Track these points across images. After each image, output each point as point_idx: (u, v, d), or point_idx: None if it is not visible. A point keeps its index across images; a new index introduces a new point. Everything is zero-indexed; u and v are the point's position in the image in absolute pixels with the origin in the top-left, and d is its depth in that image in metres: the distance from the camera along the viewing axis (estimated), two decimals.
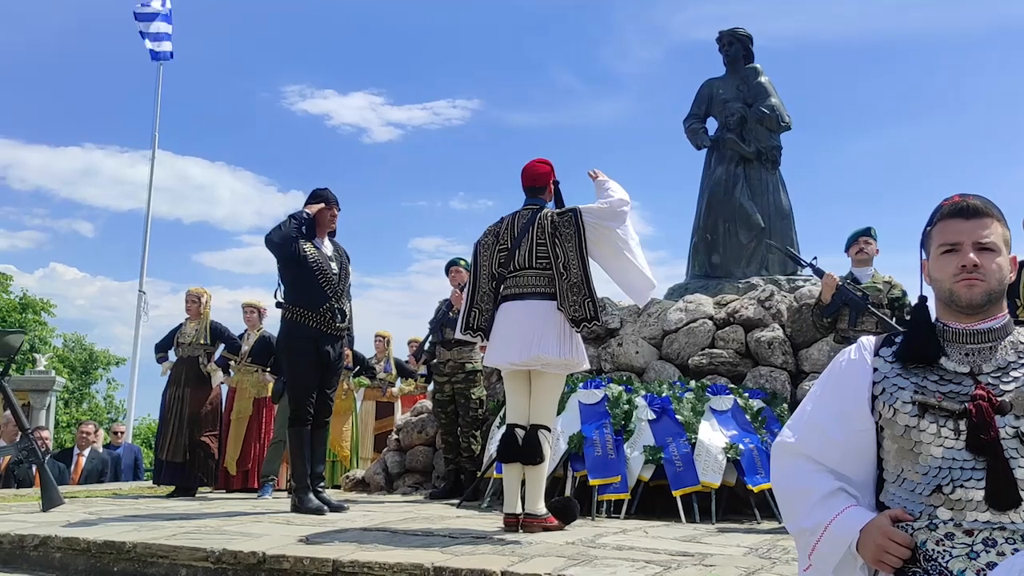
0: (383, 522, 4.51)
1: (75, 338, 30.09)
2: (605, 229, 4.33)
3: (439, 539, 3.84)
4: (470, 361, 6.49)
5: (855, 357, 1.76)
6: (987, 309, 1.66)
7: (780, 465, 1.79)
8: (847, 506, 1.65)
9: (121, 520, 4.51)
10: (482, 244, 4.55)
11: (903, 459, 1.64)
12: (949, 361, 1.66)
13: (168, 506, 5.57)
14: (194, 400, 7.01)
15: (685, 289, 7.69)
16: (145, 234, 15.58)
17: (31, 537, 3.90)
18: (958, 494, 1.56)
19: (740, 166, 8.07)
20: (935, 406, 1.60)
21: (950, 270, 1.66)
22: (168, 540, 3.70)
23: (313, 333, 5.16)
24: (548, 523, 4.23)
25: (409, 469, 7.08)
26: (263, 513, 5.01)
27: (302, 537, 3.83)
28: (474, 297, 4.48)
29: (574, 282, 4.26)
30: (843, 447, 1.70)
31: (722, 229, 8.01)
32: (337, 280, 5.26)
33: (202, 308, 7.20)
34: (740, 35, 8.31)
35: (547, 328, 4.21)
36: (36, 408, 12.29)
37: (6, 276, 26.69)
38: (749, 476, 5.17)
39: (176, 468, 6.93)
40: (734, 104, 8.13)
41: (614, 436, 5.35)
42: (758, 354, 6.35)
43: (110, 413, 28.60)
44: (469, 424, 6.46)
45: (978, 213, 1.67)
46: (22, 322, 25.15)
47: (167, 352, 7.32)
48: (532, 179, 4.54)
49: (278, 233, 5.09)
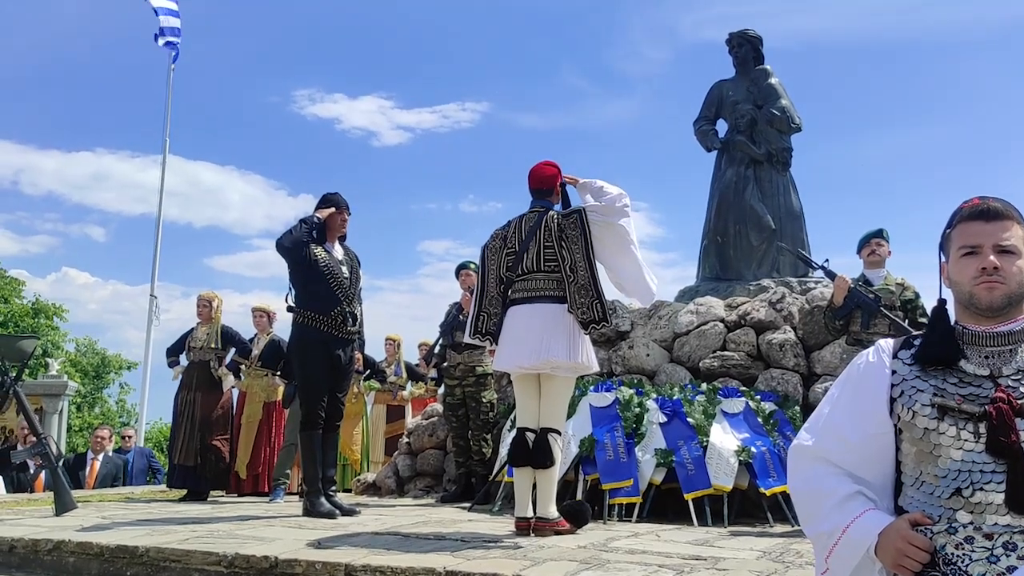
0: (395, 526, 4.51)
1: (87, 342, 30.20)
2: (610, 225, 4.33)
3: (451, 543, 3.83)
4: (480, 364, 6.49)
5: (873, 360, 1.74)
6: (1007, 312, 1.65)
7: (798, 468, 1.77)
8: (865, 509, 1.63)
9: (134, 524, 4.52)
10: (489, 248, 4.54)
11: (922, 462, 1.62)
12: (968, 364, 1.65)
13: (180, 510, 5.58)
14: (205, 404, 7.02)
15: (696, 291, 7.67)
16: (156, 238, 15.64)
17: (45, 542, 3.91)
18: (978, 497, 1.54)
19: (750, 168, 8.06)
20: (955, 409, 1.58)
21: (970, 272, 1.65)
22: (181, 544, 3.70)
23: (324, 337, 5.17)
24: (560, 527, 4.22)
25: (420, 472, 7.08)
26: (275, 517, 5.02)
27: (314, 541, 3.83)
28: (482, 301, 4.47)
29: (581, 284, 4.25)
30: (861, 450, 1.69)
31: (733, 231, 7.99)
32: (348, 284, 5.27)
33: (214, 312, 7.22)
34: (750, 37, 8.30)
35: (556, 331, 4.20)
36: (49, 412, 12.33)
37: (19, 281, 26.81)
38: (761, 479, 5.15)
39: (188, 472, 6.95)
40: (744, 106, 8.12)
41: (625, 439, 5.33)
42: (770, 356, 6.32)
43: (122, 417, 28.67)
44: (480, 427, 6.46)
45: (998, 215, 1.66)
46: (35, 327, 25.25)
47: (179, 356, 7.34)
48: (539, 181, 4.54)
49: (289, 238, 5.11)
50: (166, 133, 15.97)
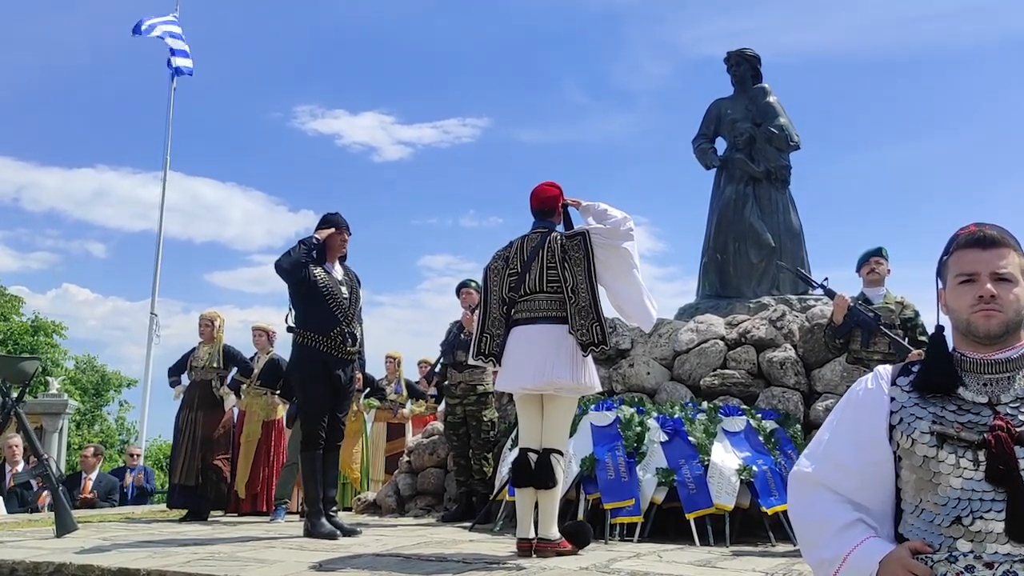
0: (396, 547, 4.49)
1: (87, 360, 30.16)
2: (615, 248, 4.34)
3: (452, 564, 3.82)
4: (481, 383, 6.49)
5: (872, 387, 1.75)
6: (1005, 339, 1.65)
7: (798, 495, 1.78)
8: (866, 537, 1.63)
9: (135, 546, 4.51)
10: (491, 269, 4.56)
11: (922, 490, 1.62)
12: (967, 391, 1.65)
13: (181, 531, 5.57)
14: (207, 423, 7.02)
15: (696, 309, 7.68)
16: (157, 255, 15.67)
17: (46, 564, 3.90)
18: (978, 526, 1.54)
19: (749, 186, 8.09)
20: (954, 436, 1.59)
21: (967, 300, 1.66)
22: (182, 567, 3.69)
23: (324, 357, 5.18)
24: (562, 548, 4.21)
25: (421, 491, 7.06)
26: (276, 538, 5.00)
27: (315, 564, 3.82)
28: (485, 322, 4.48)
29: (582, 306, 4.26)
30: (860, 477, 1.69)
31: (732, 249, 8.01)
32: (347, 304, 5.28)
33: (215, 332, 7.23)
34: (748, 55, 8.35)
35: (560, 352, 4.21)
36: (49, 431, 12.32)
37: (18, 299, 26.81)
38: (763, 498, 5.14)
39: (188, 491, 6.94)
40: (743, 124, 8.16)
41: (626, 458, 5.33)
42: (770, 375, 6.32)
43: (122, 435, 28.62)
44: (481, 446, 6.45)
45: (995, 243, 1.67)
46: (34, 345, 25.25)
47: (180, 376, 7.34)
48: (541, 202, 4.56)
49: (287, 259, 5.12)
50: (167, 150, 16.07)
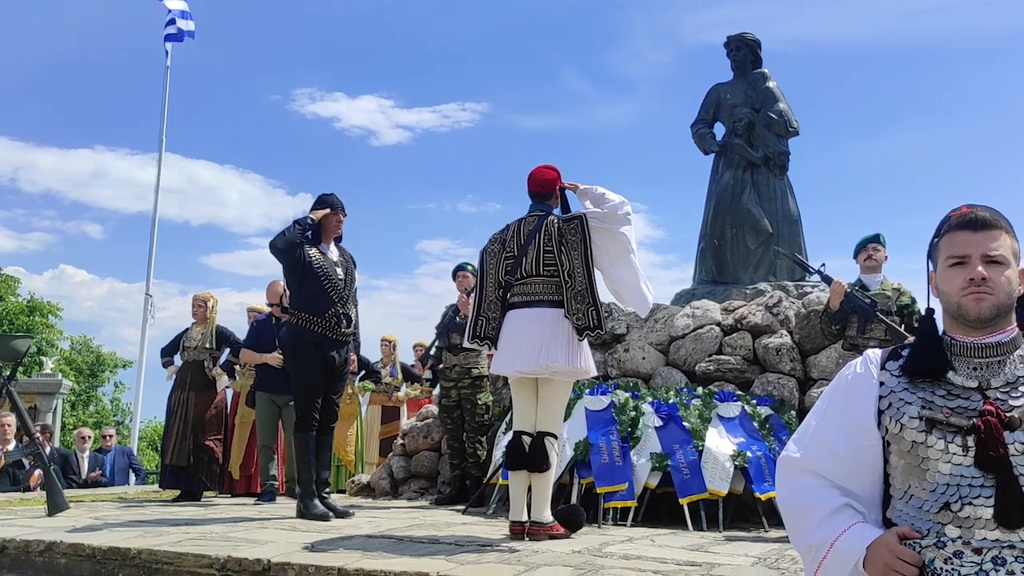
0: (388, 529, 4.50)
1: (82, 340, 30.15)
2: (612, 232, 4.32)
3: (445, 547, 3.83)
4: (476, 366, 6.48)
5: (861, 371, 1.73)
6: (995, 323, 1.63)
7: (785, 481, 1.76)
8: (854, 523, 1.62)
9: (126, 526, 4.51)
10: (488, 252, 4.53)
11: (910, 475, 1.61)
12: (957, 375, 1.63)
13: (173, 511, 5.57)
14: (199, 404, 7.01)
15: (692, 295, 7.66)
16: (152, 236, 15.63)
17: (36, 543, 3.90)
18: (966, 511, 1.52)
19: (748, 171, 8.06)
20: (943, 421, 1.57)
21: (958, 283, 1.63)
22: (173, 547, 3.70)
23: (319, 338, 5.16)
24: (554, 531, 4.22)
25: (415, 474, 7.07)
26: (268, 519, 5.01)
27: (307, 544, 3.82)
28: (481, 305, 4.46)
29: (578, 290, 4.24)
30: (849, 462, 1.67)
31: (729, 235, 7.99)
32: (342, 285, 5.26)
33: (209, 313, 7.21)
34: (748, 40, 8.30)
35: (555, 336, 4.20)
36: (42, 411, 12.35)
37: (13, 279, 26.76)
38: (757, 484, 5.14)
39: (181, 472, 6.94)
40: (742, 109, 8.11)
41: (620, 443, 5.33)
42: (766, 361, 6.32)
43: (116, 416, 28.65)
44: (475, 429, 6.45)
45: (986, 225, 1.64)
46: (29, 325, 25.21)
47: (173, 356, 7.33)
48: (539, 185, 4.53)
49: (282, 239, 5.10)
50: (163, 131, 16.02)
